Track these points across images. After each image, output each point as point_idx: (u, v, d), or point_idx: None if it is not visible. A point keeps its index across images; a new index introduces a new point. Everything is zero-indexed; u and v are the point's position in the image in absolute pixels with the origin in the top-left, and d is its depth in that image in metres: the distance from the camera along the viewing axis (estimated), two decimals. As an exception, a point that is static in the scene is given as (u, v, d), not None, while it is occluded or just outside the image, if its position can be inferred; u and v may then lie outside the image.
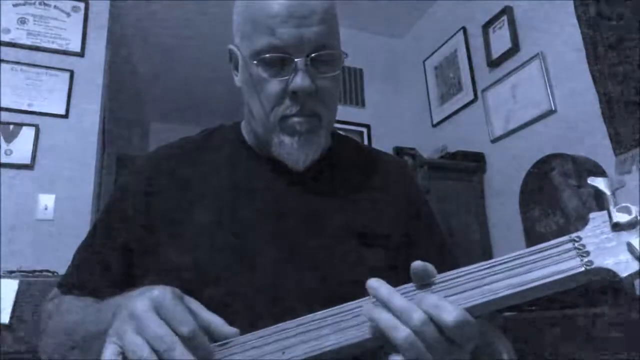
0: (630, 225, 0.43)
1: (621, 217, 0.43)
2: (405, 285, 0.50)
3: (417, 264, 0.49)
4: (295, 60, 0.69)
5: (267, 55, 0.69)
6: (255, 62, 0.71)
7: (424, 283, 0.49)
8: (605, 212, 0.45)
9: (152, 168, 0.80)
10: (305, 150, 0.74)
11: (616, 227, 0.44)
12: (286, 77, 0.70)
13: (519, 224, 2.41)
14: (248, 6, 0.73)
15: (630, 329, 1.57)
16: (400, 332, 0.45)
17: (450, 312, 0.44)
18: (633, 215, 0.43)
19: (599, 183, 0.44)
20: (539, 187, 2.33)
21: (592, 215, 0.45)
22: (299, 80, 0.69)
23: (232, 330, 0.51)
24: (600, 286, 1.75)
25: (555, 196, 2.24)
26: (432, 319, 0.45)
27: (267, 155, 0.77)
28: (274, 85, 0.71)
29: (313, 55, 0.70)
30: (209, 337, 0.50)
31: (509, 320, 1.94)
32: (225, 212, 0.73)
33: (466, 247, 2.65)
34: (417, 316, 0.45)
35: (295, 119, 0.72)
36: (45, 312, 0.76)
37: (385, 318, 0.47)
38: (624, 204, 0.43)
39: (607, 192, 0.44)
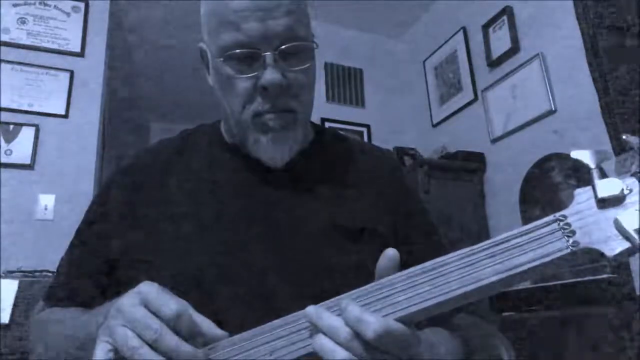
0: (617, 201, 0.41)
1: (607, 192, 0.41)
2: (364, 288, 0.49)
3: (391, 250, 0.49)
4: (263, 54, 0.66)
5: (234, 51, 0.67)
6: (222, 59, 0.69)
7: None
8: (590, 187, 0.43)
9: (131, 174, 0.79)
10: (281, 147, 0.72)
11: (602, 202, 0.42)
12: (255, 73, 0.68)
13: (519, 224, 2.40)
14: (212, 1, 0.70)
15: (629, 329, 1.56)
16: (337, 356, 0.45)
17: (369, 325, 0.44)
18: (619, 190, 0.41)
19: (583, 155, 0.42)
20: (539, 187, 2.32)
21: (577, 191, 0.43)
22: (269, 76, 0.66)
23: (221, 332, 0.50)
24: (600, 286, 1.75)
25: (555, 196, 2.24)
26: (358, 334, 0.45)
27: (246, 152, 0.76)
28: (244, 82, 0.69)
29: (282, 48, 0.67)
30: (197, 340, 0.50)
31: (509, 320, 1.93)
32: (208, 214, 0.72)
33: (466, 247, 2.64)
34: (344, 333, 0.45)
35: (268, 116, 0.70)
36: (33, 325, 0.75)
37: (320, 343, 0.46)
38: (609, 178, 0.41)
39: (592, 165, 0.41)
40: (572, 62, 2.31)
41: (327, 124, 3.14)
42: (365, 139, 3.35)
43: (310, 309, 0.48)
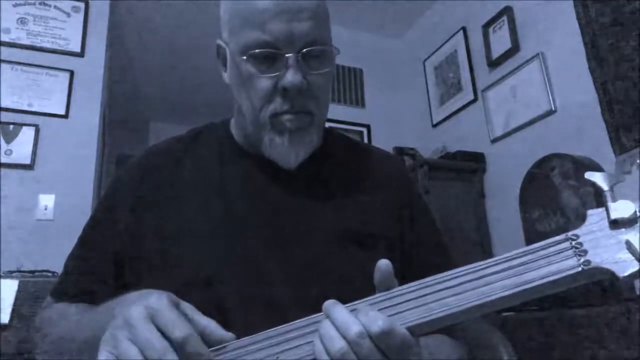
0: (629, 223, 0.41)
1: (620, 214, 0.42)
2: (370, 297, 0.49)
3: (383, 262, 0.48)
4: (286, 56, 0.67)
5: (257, 50, 0.67)
6: (244, 57, 0.69)
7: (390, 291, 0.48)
8: (603, 208, 0.43)
9: (140, 172, 0.79)
10: (296, 149, 0.72)
11: (614, 224, 0.42)
12: (276, 74, 0.68)
13: (518, 224, 2.41)
14: (236, 0, 0.71)
15: (630, 329, 1.57)
16: (336, 344, 0.45)
17: (376, 320, 0.44)
18: (632, 212, 0.41)
19: (597, 178, 0.42)
20: (539, 187, 2.32)
21: (589, 212, 0.44)
22: (290, 77, 0.67)
23: (228, 334, 0.50)
24: (600, 286, 1.75)
25: (555, 196, 2.24)
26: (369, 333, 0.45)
27: (257, 153, 0.76)
28: (264, 82, 0.69)
29: (304, 50, 0.68)
30: (204, 342, 0.49)
31: (509, 320, 1.94)
32: (216, 214, 0.72)
33: (466, 247, 2.65)
34: (356, 329, 0.45)
35: (286, 117, 0.70)
36: (39, 320, 0.75)
37: (325, 327, 0.46)
38: (622, 200, 0.42)
39: (605, 187, 0.42)
40: (572, 62, 2.31)
41: (327, 124, 3.13)
42: (365, 139, 3.35)
43: (328, 302, 0.48)
